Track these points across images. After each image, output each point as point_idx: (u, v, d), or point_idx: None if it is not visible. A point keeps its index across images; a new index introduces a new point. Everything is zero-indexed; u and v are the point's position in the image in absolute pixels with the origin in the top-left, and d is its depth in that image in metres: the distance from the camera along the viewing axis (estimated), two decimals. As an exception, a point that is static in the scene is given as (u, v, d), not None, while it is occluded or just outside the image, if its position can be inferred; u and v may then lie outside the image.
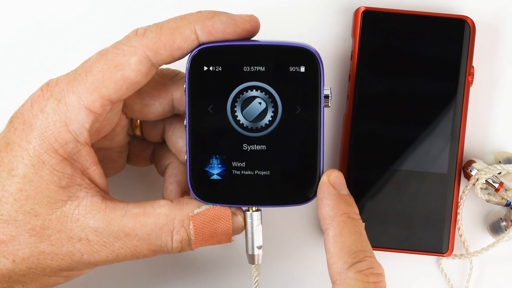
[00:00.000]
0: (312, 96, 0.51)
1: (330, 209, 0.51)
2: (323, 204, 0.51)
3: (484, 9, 0.63)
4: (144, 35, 0.50)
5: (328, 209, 0.51)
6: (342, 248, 0.50)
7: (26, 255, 0.50)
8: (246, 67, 0.51)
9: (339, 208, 0.51)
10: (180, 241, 0.51)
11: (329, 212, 0.51)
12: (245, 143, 0.52)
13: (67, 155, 0.50)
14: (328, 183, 0.52)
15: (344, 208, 0.51)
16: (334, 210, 0.51)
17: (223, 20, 0.50)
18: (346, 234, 0.50)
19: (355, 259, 0.50)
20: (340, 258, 0.50)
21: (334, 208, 0.51)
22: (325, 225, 0.51)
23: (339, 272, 0.50)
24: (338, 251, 0.50)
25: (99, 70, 0.50)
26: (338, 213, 0.51)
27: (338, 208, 0.51)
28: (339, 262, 0.50)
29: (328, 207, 0.51)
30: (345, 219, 0.51)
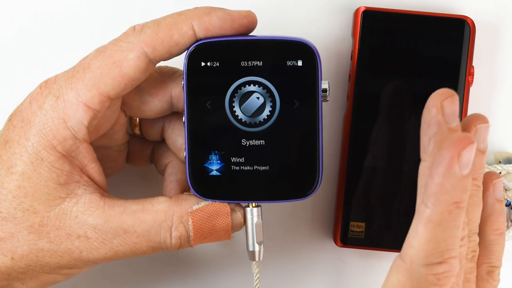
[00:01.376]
0: (309, 90, 0.51)
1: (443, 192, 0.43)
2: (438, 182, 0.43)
3: (484, 9, 0.63)
4: (142, 32, 0.50)
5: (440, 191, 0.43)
6: (431, 240, 0.44)
7: (25, 252, 0.50)
8: (244, 62, 0.51)
9: (453, 194, 0.43)
10: (179, 237, 0.51)
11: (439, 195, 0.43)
12: (243, 139, 0.52)
13: (66, 152, 0.50)
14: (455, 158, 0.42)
15: (459, 195, 0.43)
16: (447, 195, 0.43)
17: (220, 15, 0.50)
18: (444, 227, 0.44)
19: (437, 259, 0.44)
20: (423, 249, 0.44)
21: (447, 193, 0.43)
22: (428, 201, 0.44)
23: (414, 261, 0.45)
24: (425, 241, 0.44)
25: (97, 67, 0.50)
26: (449, 200, 0.43)
27: (452, 195, 0.43)
28: (421, 253, 0.44)
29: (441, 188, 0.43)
30: (452, 210, 0.43)
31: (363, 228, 0.61)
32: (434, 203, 0.44)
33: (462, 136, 0.42)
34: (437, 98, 0.45)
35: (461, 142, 0.42)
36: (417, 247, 0.44)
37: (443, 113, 0.44)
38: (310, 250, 0.64)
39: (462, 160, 0.42)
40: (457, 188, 0.43)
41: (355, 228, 0.61)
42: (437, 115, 0.44)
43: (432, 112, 0.45)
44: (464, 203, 0.44)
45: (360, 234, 0.61)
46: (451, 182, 0.43)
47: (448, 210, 0.44)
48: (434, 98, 0.45)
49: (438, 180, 0.43)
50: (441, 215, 0.44)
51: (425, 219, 0.44)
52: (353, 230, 0.62)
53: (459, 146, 0.42)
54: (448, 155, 0.42)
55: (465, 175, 0.43)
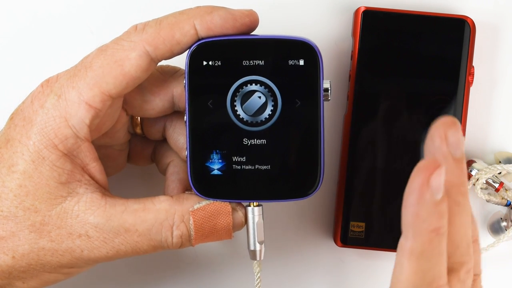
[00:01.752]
0: (311, 89, 0.51)
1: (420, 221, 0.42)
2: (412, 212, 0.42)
3: (484, 9, 0.63)
4: (144, 31, 0.50)
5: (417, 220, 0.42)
6: (416, 272, 0.43)
7: (26, 251, 0.50)
8: (245, 61, 0.51)
9: (430, 222, 0.42)
10: (180, 236, 0.51)
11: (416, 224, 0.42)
12: (245, 138, 0.52)
13: (67, 150, 0.50)
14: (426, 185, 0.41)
15: (437, 221, 0.42)
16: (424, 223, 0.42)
17: (222, 15, 0.50)
18: (427, 256, 0.42)
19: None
20: (411, 282, 0.43)
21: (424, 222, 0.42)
22: (407, 232, 0.43)
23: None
24: (411, 273, 0.43)
25: (99, 66, 0.50)
26: (427, 228, 0.42)
27: (429, 222, 0.42)
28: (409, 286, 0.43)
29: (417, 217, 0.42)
30: (433, 238, 0.42)
31: (363, 228, 0.61)
32: (413, 234, 0.42)
33: (428, 162, 0.41)
34: (441, 128, 0.43)
35: (427, 169, 0.41)
36: (404, 281, 0.43)
37: (448, 143, 0.43)
38: (310, 250, 0.64)
39: (432, 186, 0.41)
40: (433, 215, 0.42)
41: (355, 228, 0.62)
42: (442, 146, 0.43)
43: (436, 142, 0.43)
44: (443, 229, 0.42)
45: (360, 234, 0.61)
46: (425, 210, 0.41)
47: (428, 239, 0.42)
48: (437, 127, 0.43)
49: (412, 210, 0.42)
50: (422, 245, 0.42)
51: (408, 252, 0.43)
52: (353, 230, 0.62)
53: (426, 173, 0.41)
54: (418, 184, 0.41)
55: (438, 201, 0.42)
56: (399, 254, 0.43)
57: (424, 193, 0.41)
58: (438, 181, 0.41)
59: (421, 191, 0.41)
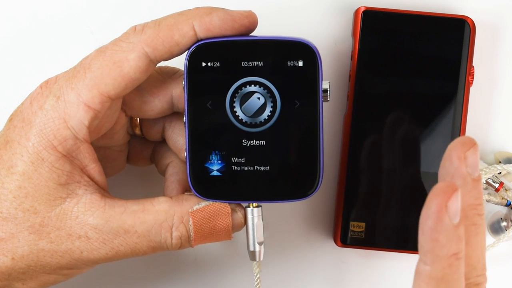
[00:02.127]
0: (310, 90, 0.51)
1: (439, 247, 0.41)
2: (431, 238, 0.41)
3: (484, 9, 0.63)
4: (143, 32, 0.50)
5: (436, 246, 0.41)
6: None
7: (25, 252, 0.50)
8: (244, 62, 0.51)
9: (449, 247, 0.41)
10: (180, 237, 0.51)
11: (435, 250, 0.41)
12: (244, 139, 0.52)
13: (66, 152, 0.50)
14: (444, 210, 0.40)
15: (456, 246, 0.41)
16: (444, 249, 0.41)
17: (220, 16, 0.50)
18: (446, 282, 0.42)
19: None
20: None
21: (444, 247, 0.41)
22: (425, 258, 0.42)
23: None
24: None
25: (98, 67, 0.50)
26: (447, 254, 0.41)
27: (449, 248, 0.41)
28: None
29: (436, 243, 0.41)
30: (452, 262, 0.41)
31: (363, 228, 0.61)
32: (433, 260, 0.41)
33: (445, 186, 0.40)
34: (460, 149, 0.42)
35: (445, 192, 0.40)
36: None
37: (467, 164, 0.42)
38: (310, 250, 0.64)
39: (450, 211, 0.40)
40: (452, 239, 0.41)
41: (355, 228, 0.61)
42: (461, 167, 0.42)
43: (455, 163, 0.43)
44: (462, 252, 0.42)
45: (360, 234, 0.61)
46: (444, 235, 0.41)
47: (448, 264, 0.41)
48: (456, 148, 0.42)
49: (430, 235, 0.41)
50: (442, 270, 0.41)
51: (427, 277, 0.42)
52: (353, 230, 0.62)
53: (443, 197, 0.40)
54: (435, 209, 0.40)
55: (456, 224, 0.41)
56: (418, 279, 0.42)
57: (442, 218, 0.40)
58: (456, 206, 0.40)
59: (440, 215, 0.40)
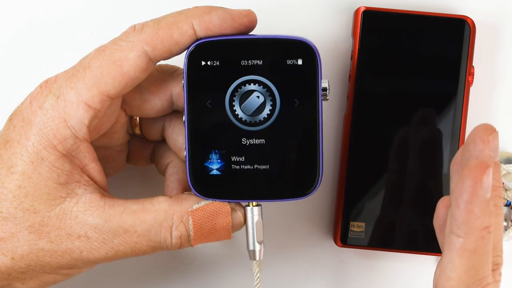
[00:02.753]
0: (310, 89, 0.51)
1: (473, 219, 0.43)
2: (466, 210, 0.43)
3: (484, 9, 0.63)
4: (142, 31, 0.50)
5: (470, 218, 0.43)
6: (469, 269, 0.44)
7: (25, 252, 0.50)
8: (244, 61, 0.51)
9: (483, 219, 0.43)
10: (179, 236, 0.51)
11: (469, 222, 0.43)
12: (244, 137, 0.52)
13: (66, 151, 0.50)
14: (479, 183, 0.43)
15: (488, 219, 0.43)
16: (478, 221, 0.43)
17: (220, 15, 0.50)
18: (480, 253, 0.44)
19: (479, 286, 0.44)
20: (463, 280, 0.44)
21: (478, 219, 0.43)
22: (459, 231, 0.44)
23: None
24: (464, 271, 0.44)
25: (97, 66, 0.50)
26: (480, 226, 0.43)
27: (482, 220, 0.43)
28: (461, 283, 0.44)
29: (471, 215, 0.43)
30: (485, 235, 0.43)
31: (363, 228, 0.61)
32: (467, 232, 0.43)
33: (479, 162, 0.43)
34: (484, 133, 0.45)
35: (480, 168, 0.43)
36: (456, 278, 0.44)
37: (489, 147, 0.44)
38: (310, 250, 0.64)
39: (484, 185, 0.43)
40: (485, 212, 0.43)
41: (355, 228, 0.61)
42: (485, 149, 0.44)
43: (479, 146, 0.44)
44: (492, 227, 0.44)
45: (360, 234, 0.61)
46: (479, 208, 0.43)
47: (481, 236, 0.43)
48: (480, 132, 0.45)
49: (466, 207, 0.43)
50: (475, 242, 0.43)
51: (460, 249, 0.44)
52: (353, 230, 0.62)
53: (479, 171, 0.43)
54: (471, 182, 0.43)
55: (489, 199, 0.43)
56: (450, 251, 0.44)
57: (478, 191, 0.43)
58: (489, 180, 0.43)
59: (475, 189, 0.43)
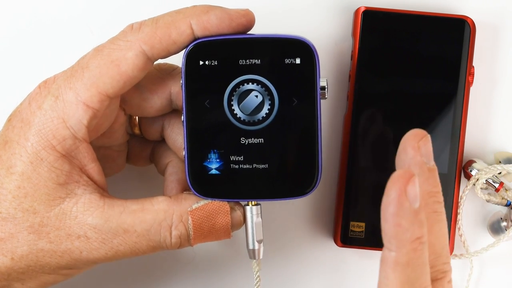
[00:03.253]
0: (308, 88, 0.51)
1: (402, 232, 0.42)
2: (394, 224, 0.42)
3: (484, 9, 0.63)
4: (140, 30, 0.50)
5: (399, 231, 0.42)
6: (405, 282, 0.43)
7: (25, 252, 0.50)
8: (242, 60, 0.51)
9: (412, 231, 0.42)
10: (179, 236, 0.51)
11: (399, 235, 0.42)
12: (242, 137, 0.52)
13: (65, 151, 0.50)
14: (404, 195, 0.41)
15: (418, 230, 0.42)
16: (407, 233, 0.42)
17: (218, 14, 0.50)
18: (413, 266, 0.42)
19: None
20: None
21: (407, 231, 0.42)
22: (390, 245, 0.43)
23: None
24: (398, 285, 0.43)
25: (95, 66, 0.50)
26: (410, 238, 0.42)
27: (412, 232, 0.42)
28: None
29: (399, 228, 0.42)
30: (416, 247, 0.42)
31: (363, 228, 0.61)
32: (397, 245, 0.42)
33: (402, 172, 0.41)
34: (413, 139, 0.44)
35: (403, 177, 0.41)
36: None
37: (421, 153, 0.44)
38: (310, 250, 0.64)
39: (410, 195, 0.41)
40: (414, 223, 0.42)
41: (355, 228, 0.62)
42: (416, 156, 0.44)
43: (410, 153, 0.44)
44: (425, 237, 0.43)
45: (360, 234, 0.61)
46: (406, 220, 0.42)
47: (412, 248, 0.42)
48: (409, 139, 0.44)
49: (393, 221, 0.42)
50: (407, 255, 0.42)
51: (393, 264, 0.43)
52: (353, 230, 0.62)
53: (402, 182, 0.41)
54: (395, 195, 0.41)
55: (417, 209, 0.42)
56: (384, 266, 0.43)
57: (403, 203, 0.41)
58: (414, 190, 0.41)
59: (400, 200, 0.41)
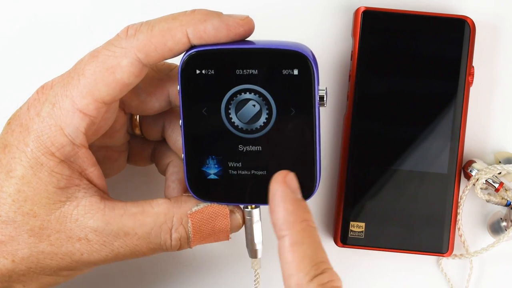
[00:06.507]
0: (306, 98, 0.50)
1: (289, 214, 0.47)
2: (281, 209, 0.48)
3: (484, 9, 0.63)
4: (135, 37, 0.49)
5: (286, 214, 0.47)
6: (303, 258, 0.46)
7: (26, 255, 0.50)
8: (239, 70, 0.50)
9: (298, 214, 0.48)
10: (179, 238, 0.52)
11: (287, 218, 0.47)
12: (240, 144, 0.51)
13: (64, 157, 0.50)
14: (285, 185, 0.48)
15: (304, 214, 0.48)
16: (293, 215, 0.47)
17: (215, 24, 0.49)
18: (307, 242, 0.47)
19: (317, 271, 0.46)
20: (301, 269, 0.46)
21: (293, 214, 0.47)
22: (281, 231, 0.47)
23: (300, 284, 0.46)
24: (299, 262, 0.46)
25: (91, 73, 0.49)
26: (297, 219, 0.47)
27: (297, 214, 0.47)
28: (300, 273, 0.46)
29: (286, 212, 0.47)
30: (305, 227, 0.47)
31: (363, 228, 0.62)
32: (288, 227, 0.47)
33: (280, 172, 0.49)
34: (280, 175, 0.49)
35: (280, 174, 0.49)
36: (294, 272, 0.46)
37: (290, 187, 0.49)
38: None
39: (290, 185, 0.49)
40: (299, 208, 0.48)
41: (355, 228, 0.62)
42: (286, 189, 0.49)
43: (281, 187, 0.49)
44: (312, 223, 0.48)
45: (360, 234, 0.62)
46: (292, 204, 0.48)
47: (302, 228, 0.47)
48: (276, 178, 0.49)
49: (281, 207, 0.48)
50: (298, 233, 0.47)
51: (288, 246, 0.47)
52: (353, 230, 0.62)
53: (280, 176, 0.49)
54: (277, 185, 0.48)
55: (300, 198, 0.49)
56: (282, 253, 0.47)
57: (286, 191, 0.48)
58: (294, 182, 0.49)
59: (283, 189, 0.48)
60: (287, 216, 0.47)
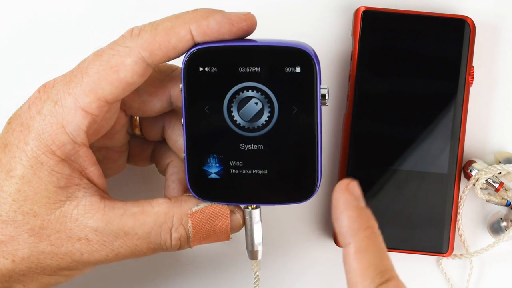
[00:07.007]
0: (308, 96, 0.51)
1: (353, 222, 0.47)
2: (344, 216, 0.47)
3: (484, 9, 0.63)
4: (139, 36, 0.50)
5: (350, 222, 0.47)
6: (368, 266, 0.46)
7: (26, 255, 0.50)
8: (242, 68, 0.50)
9: (362, 221, 0.47)
10: (179, 238, 0.52)
11: (351, 225, 0.47)
12: (242, 143, 0.51)
13: (65, 156, 0.50)
14: (348, 192, 0.48)
15: (368, 221, 0.47)
16: (358, 223, 0.47)
17: (218, 20, 0.49)
18: (372, 250, 0.46)
19: (382, 279, 0.45)
20: (366, 277, 0.45)
21: (357, 221, 0.47)
22: (346, 239, 0.47)
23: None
24: (364, 270, 0.46)
25: (95, 72, 0.50)
26: (362, 226, 0.47)
27: (361, 221, 0.47)
28: (365, 281, 0.45)
29: (349, 219, 0.47)
30: (370, 234, 0.47)
31: (363, 228, 0.62)
32: (352, 234, 0.47)
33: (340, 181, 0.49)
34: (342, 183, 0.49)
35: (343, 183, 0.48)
36: (359, 279, 0.46)
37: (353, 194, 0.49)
38: (310, 250, 0.64)
39: (354, 193, 0.48)
40: (363, 216, 0.48)
41: (355, 228, 0.62)
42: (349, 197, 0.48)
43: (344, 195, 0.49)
44: (377, 230, 0.47)
45: (360, 234, 0.62)
46: (355, 212, 0.47)
47: (366, 235, 0.47)
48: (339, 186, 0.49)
49: (344, 216, 0.47)
50: (362, 241, 0.46)
51: (353, 254, 0.46)
52: (353, 230, 0.62)
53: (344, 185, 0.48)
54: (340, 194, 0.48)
55: (363, 206, 0.48)
56: (346, 261, 0.47)
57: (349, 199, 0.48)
58: (356, 190, 0.48)
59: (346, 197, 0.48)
60: (351, 223, 0.47)
